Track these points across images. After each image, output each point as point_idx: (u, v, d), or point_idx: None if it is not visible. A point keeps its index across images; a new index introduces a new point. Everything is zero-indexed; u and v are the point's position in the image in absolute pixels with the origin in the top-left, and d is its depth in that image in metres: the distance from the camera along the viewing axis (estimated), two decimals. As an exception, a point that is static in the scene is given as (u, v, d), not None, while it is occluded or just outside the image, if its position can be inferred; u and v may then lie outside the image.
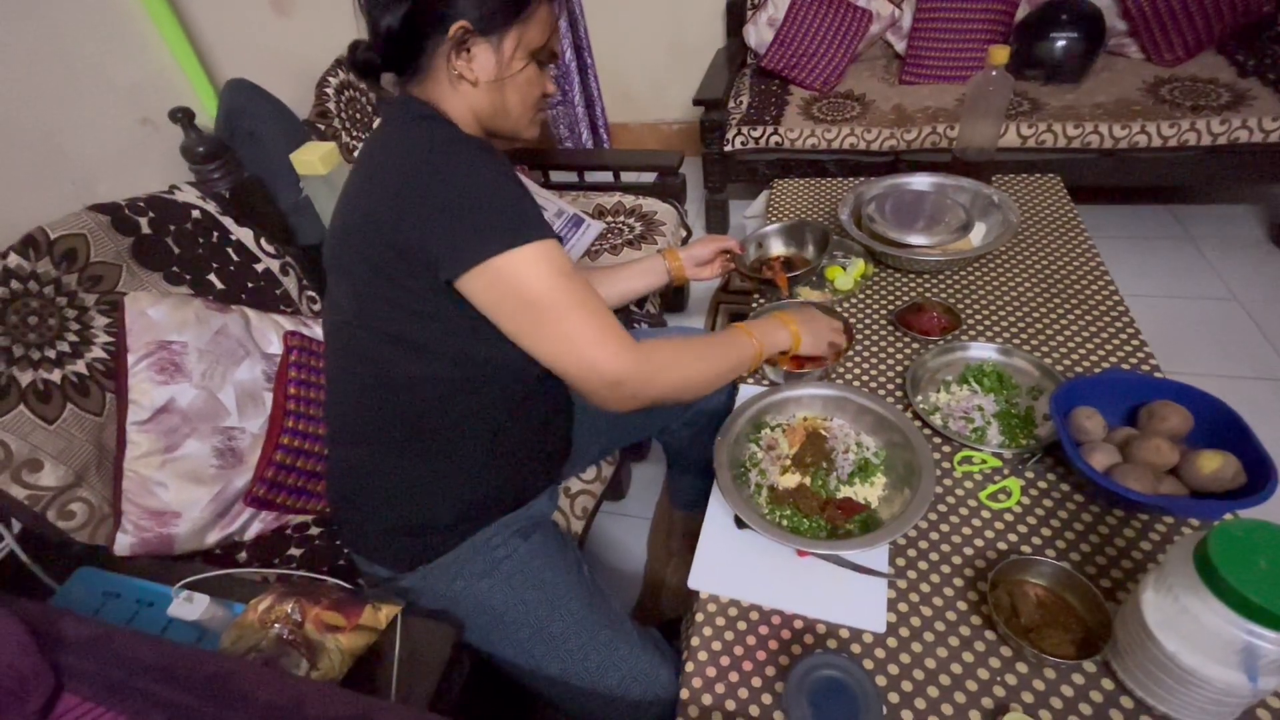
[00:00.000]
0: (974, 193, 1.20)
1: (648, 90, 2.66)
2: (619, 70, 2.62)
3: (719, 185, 2.13)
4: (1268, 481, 0.66)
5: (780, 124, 1.94)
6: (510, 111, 0.76)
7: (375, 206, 0.68)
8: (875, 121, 1.87)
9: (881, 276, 1.15)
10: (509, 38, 0.71)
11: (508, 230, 0.64)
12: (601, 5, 2.44)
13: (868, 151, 1.87)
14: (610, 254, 1.51)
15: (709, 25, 2.41)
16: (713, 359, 0.78)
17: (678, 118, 2.65)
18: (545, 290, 0.65)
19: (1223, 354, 1.55)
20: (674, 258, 1.06)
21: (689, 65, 2.45)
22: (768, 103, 2.05)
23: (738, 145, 1.99)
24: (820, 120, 1.93)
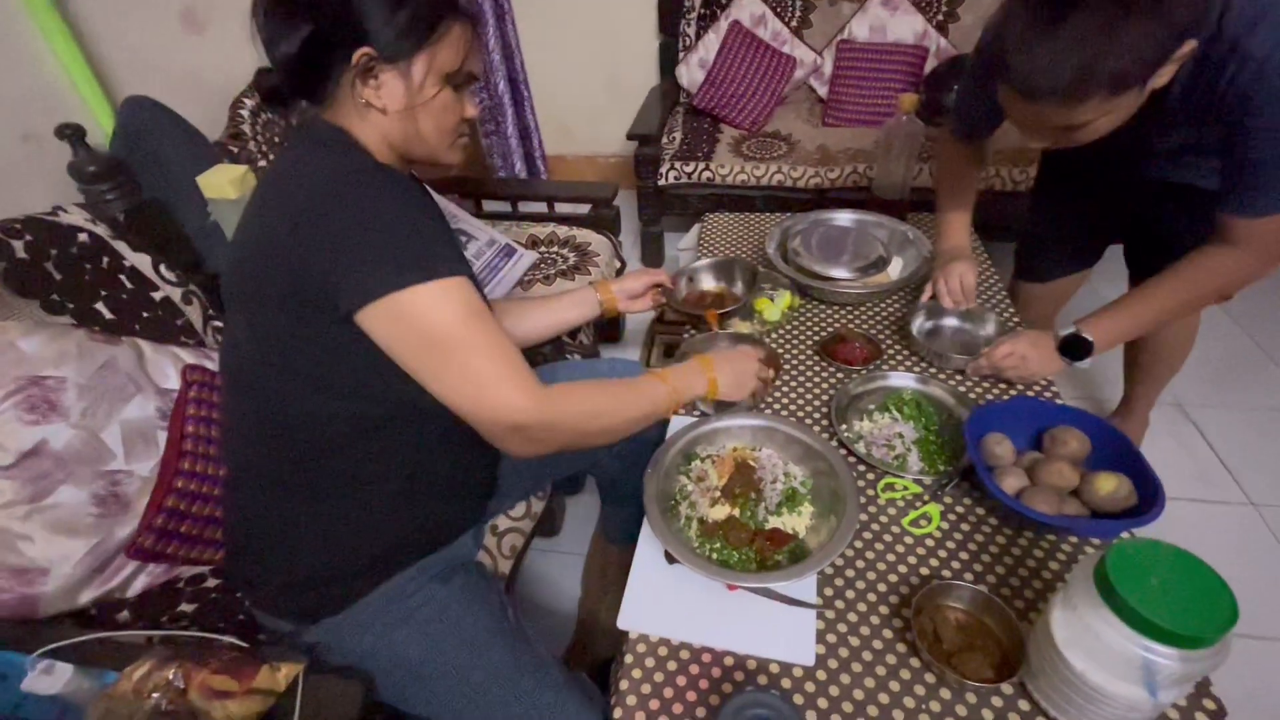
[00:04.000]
0: (891, 229, 1.26)
1: (584, 124, 2.69)
2: (556, 104, 2.64)
3: (653, 217, 2.16)
4: (1156, 501, 0.71)
5: (712, 160, 2.00)
6: (426, 138, 0.74)
7: (275, 235, 0.64)
8: (801, 160, 1.96)
9: (807, 308, 1.18)
10: (418, 63, 0.69)
11: (413, 264, 0.62)
12: (539, 41, 2.47)
13: (794, 188, 1.95)
14: (543, 284, 1.49)
15: (643, 64, 2.48)
16: (624, 406, 0.76)
17: (614, 151, 2.69)
18: (450, 329, 0.63)
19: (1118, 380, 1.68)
20: (606, 290, 1.06)
21: (624, 101, 2.50)
22: (699, 139, 2.12)
23: (671, 179, 2.04)
24: (749, 158, 2.00)
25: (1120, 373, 1.42)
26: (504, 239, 1.53)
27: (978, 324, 1.06)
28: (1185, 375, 1.54)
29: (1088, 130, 0.74)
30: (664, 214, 2.16)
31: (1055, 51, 0.66)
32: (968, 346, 1.05)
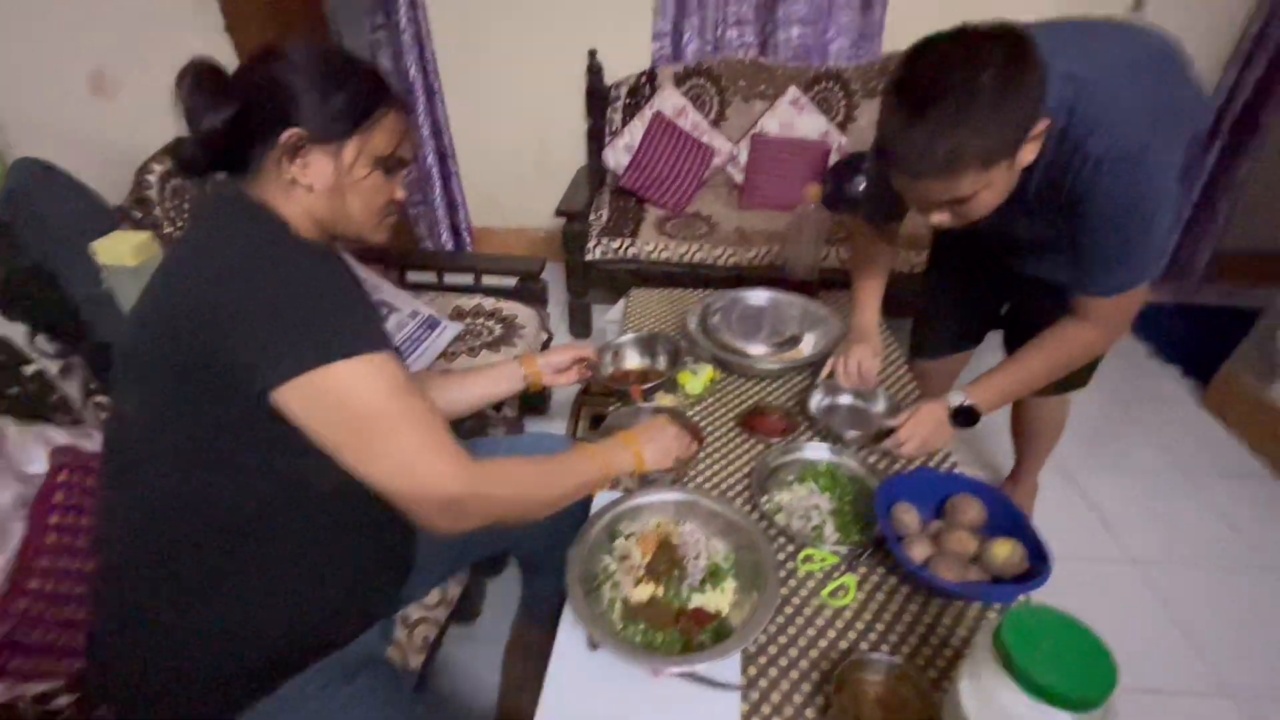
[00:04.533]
0: (803, 307, 1.35)
1: (514, 198, 2.75)
2: (486, 178, 2.70)
3: (581, 290, 2.21)
4: (1045, 565, 0.76)
5: (637, 237, 2.09)
6: (353, 217, 0.74)
7: (184, 307, 0.62)
8: (720, 240, 2.08)
9: (728, 381, 1.23)
10: (350, 146, 0.70)
11: (335, 340, 0.60)
12: (470, 119, 2.54)
13: (714, 266, 2.05)
14: (468, 356, 1.48)
15: (572, 145, 2.59)
16: (555, 480, 0.76)
17: (543, 224, 2.75)
18: (375, 405, 0.61)
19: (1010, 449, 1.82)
20: (531, 364, 1.06)
21: (553, 177, 2.58)
22: (625, 218, 2.21)
23: (598, 255, 2.10)
24: (672, 236, 2.10)
25: (1010, 443, 1.54)
26: (427, 311, 1.51)
27: (870, 401, 1.13)
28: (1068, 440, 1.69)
29: (976, 202, 0.81)
30: (591, 287, 2.20)
31: (925, 136, 0.74)
32: (861, 422, 1.11)
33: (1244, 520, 1.60)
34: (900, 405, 1.11)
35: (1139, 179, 0.80)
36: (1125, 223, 0.83)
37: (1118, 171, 0.80)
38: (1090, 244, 0.87)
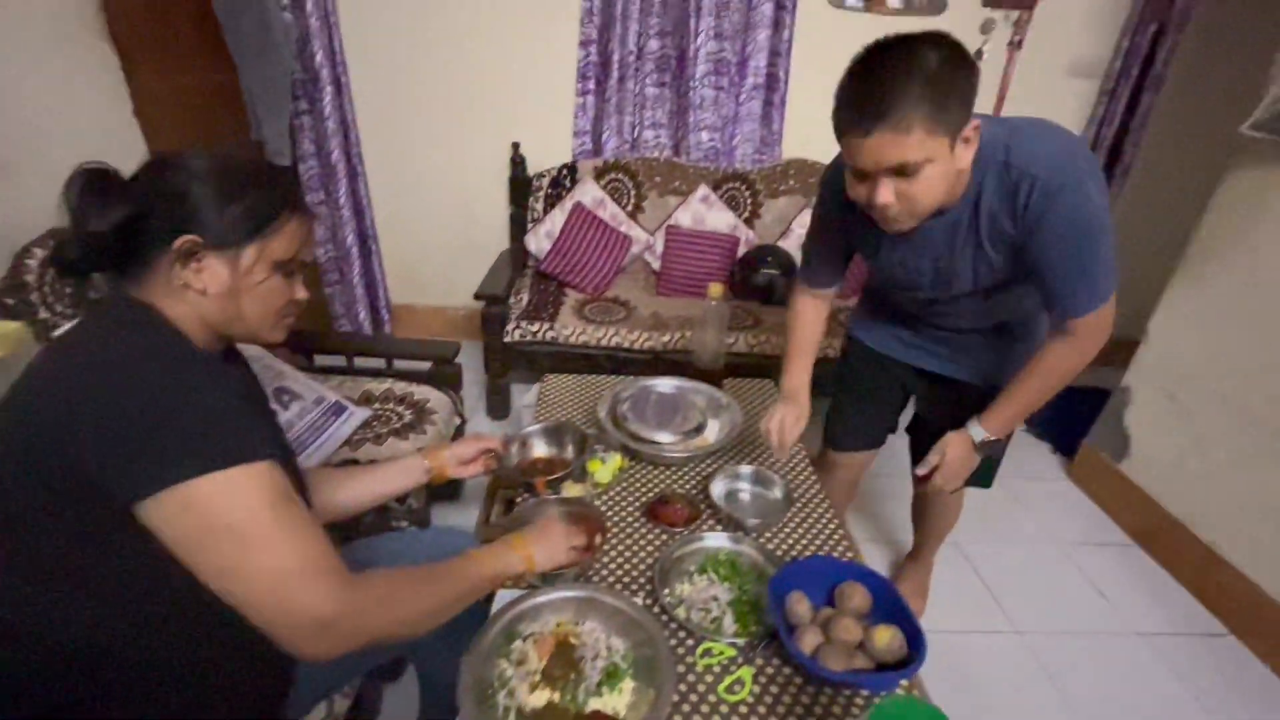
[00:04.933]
0: (708, 395, 1.42)
1: (435, 277, 2.77)
2: (407, 257, 2.71)
3: (500, 371, 2.21)
4: (920, 652, 0.81)
5: (556, 321, 2.14)
6: (248, 320, 0.74)
7: (48, 413, 0.59)
8: (637, 325, 2.16)
9: (636, 469, 1.25)
10: (248, 251, 0.70)
11: (209, 451, 0.59)
12: (393, 199, 2.58)
13: (631, 350, 2.13)
14: (373, 444, 1.44)
15: (495, 228, 2.66)
16: (439, 591, 0.74)
17: (464, 303, 2.76)
18: (243, 521, 0.59)
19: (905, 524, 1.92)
20: (435, 457, 1.05)
21: (476, 258, 2.63)
22: (546, 301, 2.26)
23: (517, 337, 2.13)
24: (591, 320, 2.17)
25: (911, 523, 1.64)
26: (334, 396, 1.48)
27: (769, 487, 1.19)
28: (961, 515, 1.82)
29: (921, 181, 0.86)
30: (510, 368, 2.22)
31: (878, 87, 0.81)
32: (762, 509, 1.16)
33: (1112, 588, 1.75)
34: (793, 494, 1.17)
35: (1081, 204, 0.89)
36: (1080, 245, 0.91)
37: (1063, 201, 0.88)
38: (1054, 272, 0.94)
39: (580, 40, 2.32)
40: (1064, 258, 0.93)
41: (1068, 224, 0.90)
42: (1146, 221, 2.61)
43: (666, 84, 2.43)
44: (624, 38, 2.30)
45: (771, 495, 1.18)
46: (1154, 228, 2.63)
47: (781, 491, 1.16)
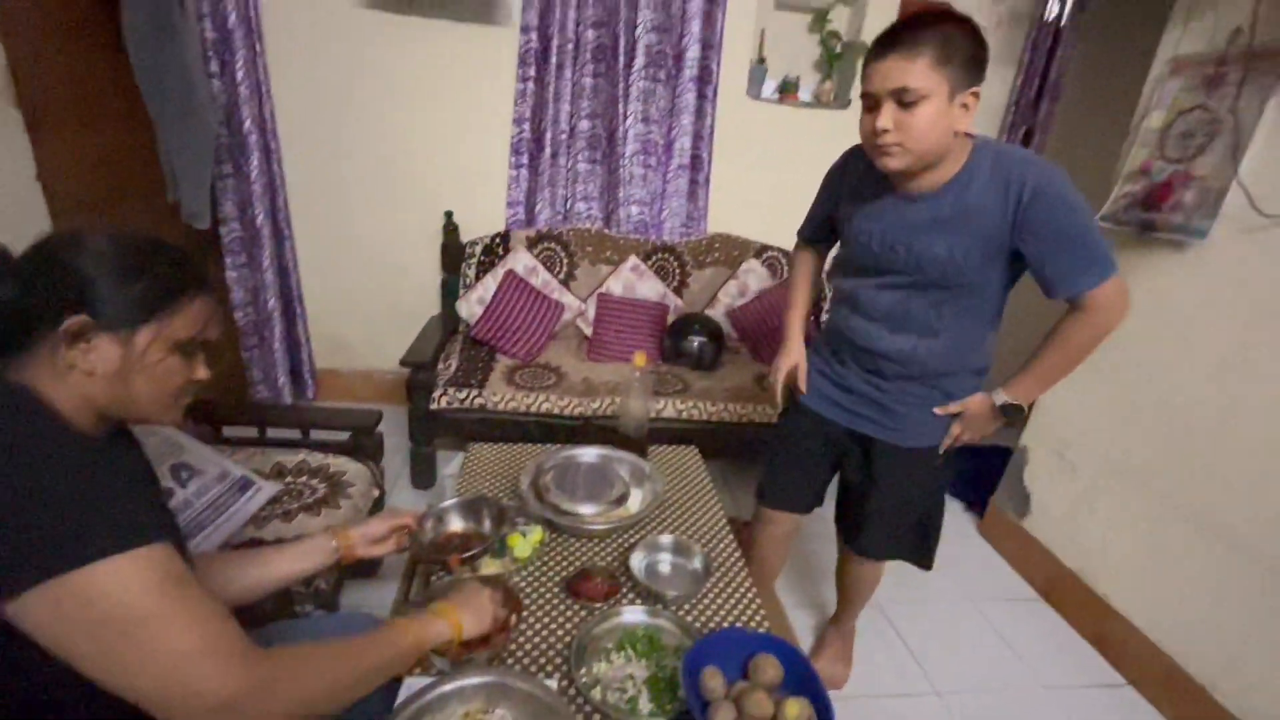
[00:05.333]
0: (632, 464, 1.44)
1: (363, 341, 2.71)
2: (334, 320, 2.65)
3: (426, 439, 2.16)
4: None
5: (485, 387, 2.13)
6: (138, 401, 0.71)
7: None
8: (568, 391, 2.18)
9: (557, 542, 1.24)
10: (144, 332, 0.68)
11: (90, 538, 0.56)
12: (321, 261, 2.54)
13: (561, 416, 2.13)
14: (281, 521, 1.36)
15: (426, 293, 2.66)
16: (355, 664, 0.72)
17: (391, 368, 2.70)
18: (132, 609, 0.56)
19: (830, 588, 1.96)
20: (344, 536, 1.02)
21: (405, 322, 2.60)
22: (475, 367, 2.25)
23: (444, 404, 2.10)
24: (521, 387, 2.17)
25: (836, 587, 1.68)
26: (239, 471, 1.40)
27: (689, 558, 1.21)
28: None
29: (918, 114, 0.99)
30: (437, 435, 2.17)
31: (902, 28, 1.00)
32: (681, 581, 1.17)
33: (1021, 642, 1.83)
34: (712, 566, 1.19)
35: (1070, 192, 1.04)
36: (1075, 227, 1.04)
37: (1054, 190, 1.03)
38: (1061, 252, 1.06)
39: (514, 118, 2.43)
40: (1068, 238, 1.04)
41: (1065, 208, 1.04)
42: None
43: (598, 161, 2.56)
44: (556, 118, 2.42)
45: (691, 566, 1.19)
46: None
47: (701, 562, 1.18)
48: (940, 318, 1.19)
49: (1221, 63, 1.48)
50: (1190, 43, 1.58)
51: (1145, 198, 1.61)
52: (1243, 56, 1.43)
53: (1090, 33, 2.45)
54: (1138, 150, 1.67)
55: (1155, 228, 1.58)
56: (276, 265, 2.35)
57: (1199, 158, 1.50)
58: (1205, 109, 1.50)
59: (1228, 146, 1.44)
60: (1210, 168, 1.48)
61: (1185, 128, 1.55)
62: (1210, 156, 1.48)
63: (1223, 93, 1.47)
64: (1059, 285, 1.09)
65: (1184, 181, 1.53)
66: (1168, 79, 1.61)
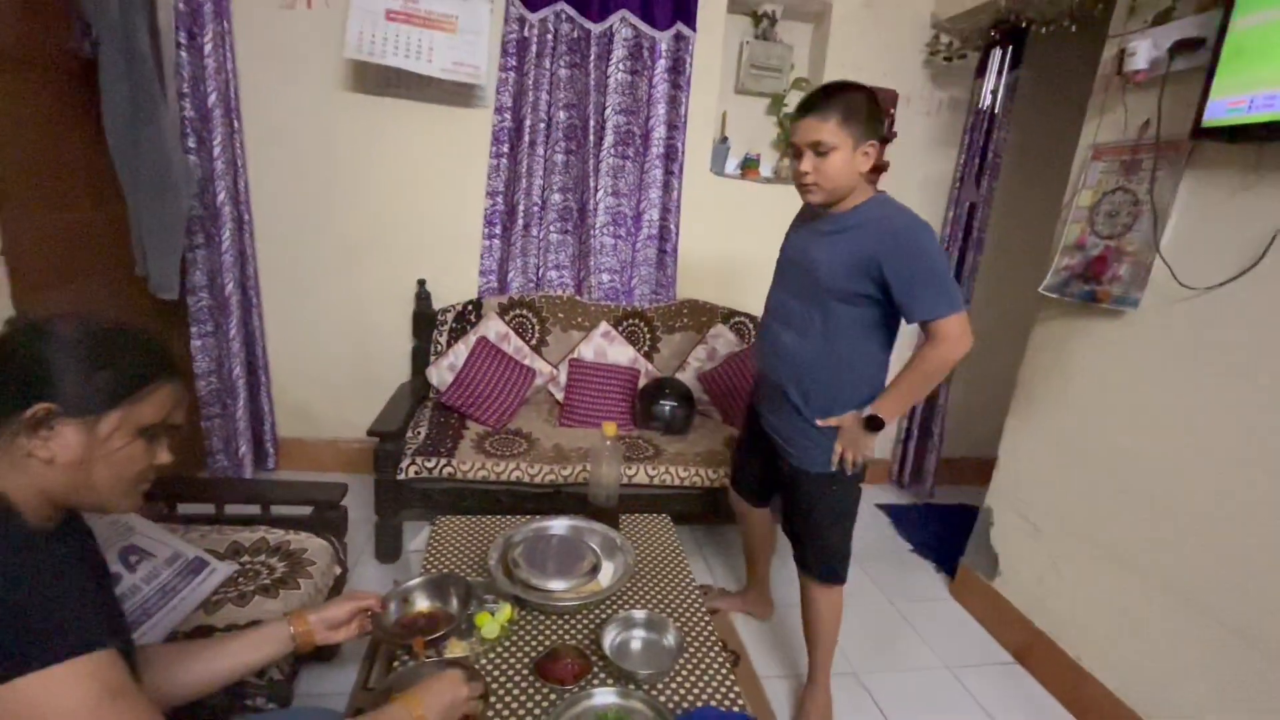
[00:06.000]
0: (603, 535, 1.42)
1: (329, 410, 2.66)
2: (299, 388, 2.61)
3: (392, 510, 2.10)
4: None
5: (454, 456, 2.10)
6: (97, 488, 0.70)
7: None
8: (539, 458, 2.16)
9: (527, 619, 1.21)
10: (110, 418, 0.68)
11: (25, 648, 0.54)
12: (287, 330, 2.53)
13: (532, 484, 2.10)
14: (235, 605, 1.30)
15: (395, 361, 2.65)
16: None
17: (358, 436, 2.66)
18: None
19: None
20: (302, 622, 0.98)
21: (373, 390, 2.57)
22: (445, 434, 2.23)
23: (412, 474, 2.06)
24: (491, 454, 2.15)
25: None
26: (193, 552, 1.34)
27: (661, 634, 1.19)
28: (856, 643, 1.84)
29: (831, 160, 1.29)
30: (404, 507, 2.12)
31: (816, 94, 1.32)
32: (654, 658, 1.14)
33: (999, 708, 1.80)
34: (685, 642, 1.17)
35: (927, 243, 1.31)
36: (928, 268, 1.30)
37: (916, 240, 1.31)
38: (911, 283, 1.30)
39: (488, 191, 2.51)
40: (922, 275, 1.30)
41: (922, 252, 1.30)
42: (989, 353, 3.02)
43: (569, 231, 2.64)
44: (529, 191, 2.51)
45: (664, 642, 1.17)
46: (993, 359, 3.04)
47: (674, 639, 1.16)
48: (823, 322, 1.42)
49: (1135, 150, 1.63)
50: (1107, 132, 1.75)
51: (1084, 270, 1.73)
52: (1152, 146, 1.58)
53: (1021, 118, 2.68)
54: (1071, 226, 1.80)
55: (1097, 299, 1.69)
56: (243, 333, 2.33)
57: (1126, 234, 1.63)
58: (1126, 190, 1.64)
59: (1148, 224, 1.57)
60: (1137, 243, 1.60)
61: (1110, 207, 1.68)
62: (1136, 233, 1.61)
63: (1139, 176, 1.61)
64: (913, 312, 1.33)
65: (1116, 256, 1.65)
66: (1090, 162, 1.77)
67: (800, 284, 1.45)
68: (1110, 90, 1.72)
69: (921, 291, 1.30)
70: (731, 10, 2.55)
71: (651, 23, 2.41)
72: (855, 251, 1.34)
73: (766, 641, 1.97)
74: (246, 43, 2.22)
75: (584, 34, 2.40)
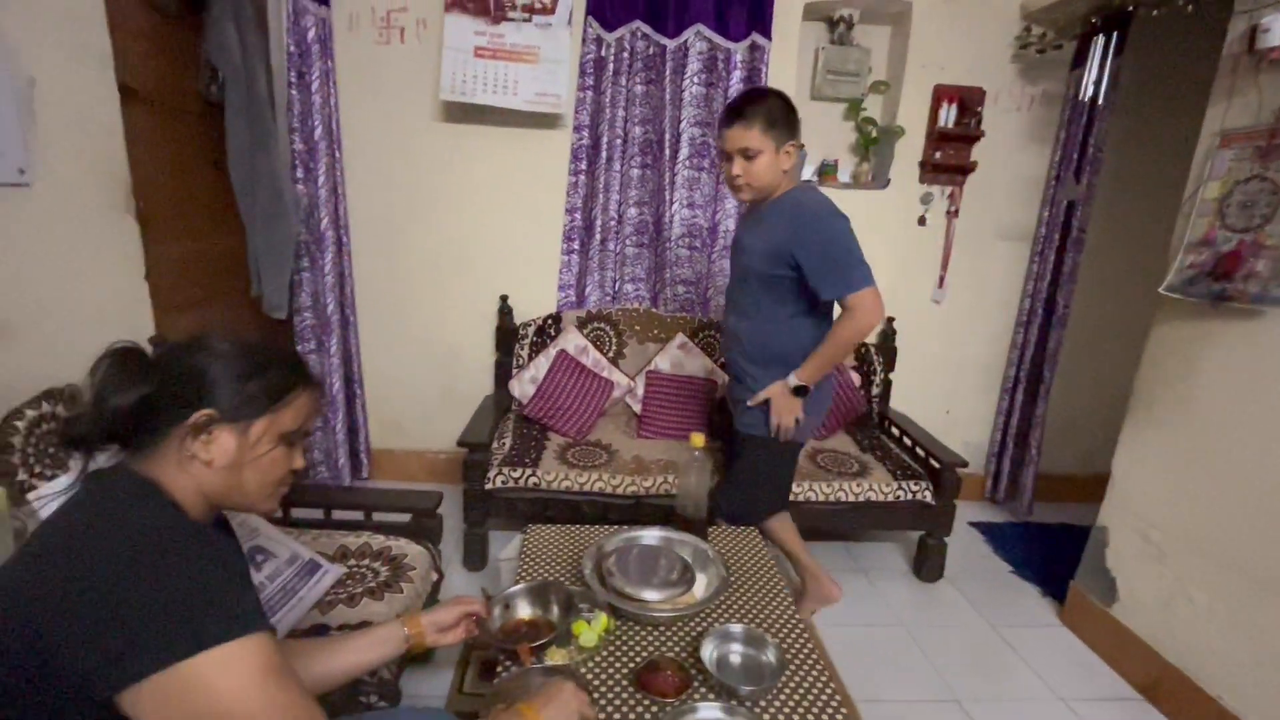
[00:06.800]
0: (694, 546, 1.41)
1: (417, 422, 2.78)
2: (390, 401, 2.74)
3: (479, 519, 2.16)
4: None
5: (539, 466, 2.14)
6: (247, 490, 0.76)
7: (35, 601, 0.58)
8: (620, 469, 2.17)
9: (623, 630, 1.21)
10: (259, 424, 0.74)
11: (200, 628, 0.58)
12: (381, 345, 2.67)
13: (614, 495, 2.12)
14: (346, 606, 1.37)
15: (479, 375, 2.74)
16: None
17: (444, 448, 2.76)
18: (241, 696, 0.58)
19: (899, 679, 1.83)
20: (414, 624, 1.02)
21: (458, 403, 2.68)
22: (528, 445, 2.28)
23: (498, 484, 2.11)
24: (574, 465, 2.18)
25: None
26: (308, 554, 1.43)
27: (761, 649, 1.15)
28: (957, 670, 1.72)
29: (757, 163, 1.50)
30: (490, 516, 2.17)
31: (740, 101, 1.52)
32: (755, 675, 1.11)
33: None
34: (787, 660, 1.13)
35: (825, 225, 1.52)
36: (822, 253, 1.51)
37: (815, 224, 1.52)
38: (815, 271, 1.51)
39: (566, 207, 2.57)
40: (829, 257, 1.51)
41: (828, 237, 1.51)
42: (1091, 360, 2.82)
43: (645, 245, 2.66)
44: (606, 206, 2.56)
45: (764, 658, 1.14)
46: (1097, 367, 2.83)
47: (774, 655, 1.12)
48: (756, 303, 1.64)
49: (1273, 135, 1.48)
50: (1237, 116, 1.60)
51: (1214, 267, 1.58)
52: (1294, 129, 1.43)
53: (1125, 109, 2.50)
54: (1196, 221, 1.65)
55: (1229, 298, 1.54)
56: (342, 350, 2.48)
57: (1265, 226, 1.48)
58: (1263, 178, 1.50)
59: (1292, 214, 1.42)
60: (1278, 236, 1.45)
61: (1244, 198, 1.53)
62: (1277, 225, 1.46)
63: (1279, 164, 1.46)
64: (821, 290, 1.53)
65: (1252, 250, 1.50)
66: (1217, 151, 1.62)
67: (740, 271, 1.69)
68: (1240, 71, 1.58)
69: (828, 272, 1.50)
70: (807, 17, 2.52)
71: (726, 34, 2.41)
72: (772, 238, 1.54)
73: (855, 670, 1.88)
74: (347, 78, 2.38)
75: (659, 50, 2.43)
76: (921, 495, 2.20)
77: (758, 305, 1.63)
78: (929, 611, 2.15)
